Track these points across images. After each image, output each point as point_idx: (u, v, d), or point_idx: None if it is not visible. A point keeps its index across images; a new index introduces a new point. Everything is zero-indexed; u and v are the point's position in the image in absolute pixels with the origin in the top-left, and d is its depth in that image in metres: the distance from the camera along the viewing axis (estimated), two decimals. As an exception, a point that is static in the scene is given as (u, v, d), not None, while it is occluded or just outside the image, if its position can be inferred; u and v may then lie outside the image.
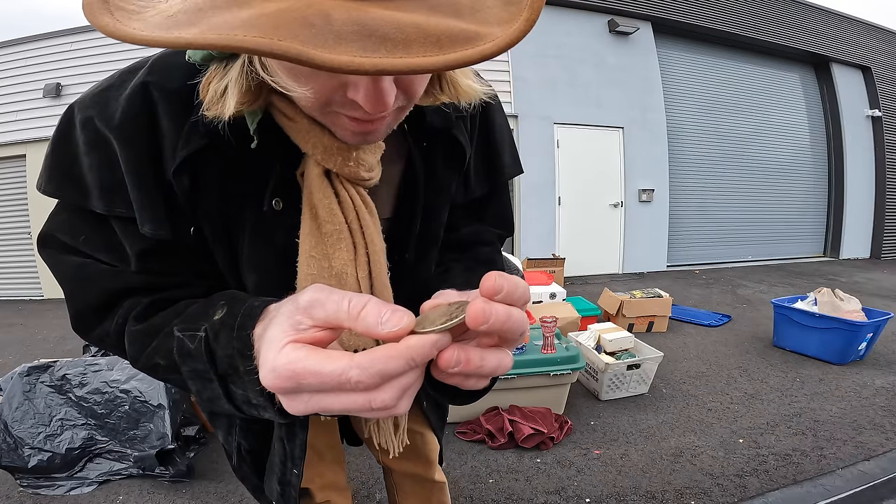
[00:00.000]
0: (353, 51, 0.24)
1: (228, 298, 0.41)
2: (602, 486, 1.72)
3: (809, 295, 3.09)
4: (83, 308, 0.48)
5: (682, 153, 6.50)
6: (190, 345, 0.39)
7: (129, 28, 0.27)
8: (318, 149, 0.46)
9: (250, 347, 0.35)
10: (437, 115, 0.54)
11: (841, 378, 2.62)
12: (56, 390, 1.82)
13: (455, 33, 0.25)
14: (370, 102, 0.35)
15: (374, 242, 0.51)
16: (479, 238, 0.68)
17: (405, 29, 0.25)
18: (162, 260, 0.48)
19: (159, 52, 0.46)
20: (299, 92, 0.37)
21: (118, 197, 0.45)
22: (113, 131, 0.43)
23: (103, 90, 0.45)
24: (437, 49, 0.25)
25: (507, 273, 0.33)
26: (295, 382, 0.29)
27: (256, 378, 0.34)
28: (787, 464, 1.82)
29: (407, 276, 0.58)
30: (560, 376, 2.10)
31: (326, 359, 0.28)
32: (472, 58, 0.25)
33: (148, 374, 0.47)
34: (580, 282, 5.62)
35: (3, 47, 5.53)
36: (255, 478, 0.73)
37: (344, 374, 0.28)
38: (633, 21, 5.96)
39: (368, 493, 1.70)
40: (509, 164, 0.67)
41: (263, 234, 0.50)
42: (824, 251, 7.79)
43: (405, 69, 0.24)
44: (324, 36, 0.24)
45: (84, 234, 0.48)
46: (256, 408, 0.38)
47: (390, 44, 0.24)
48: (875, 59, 7.56)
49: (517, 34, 0.26)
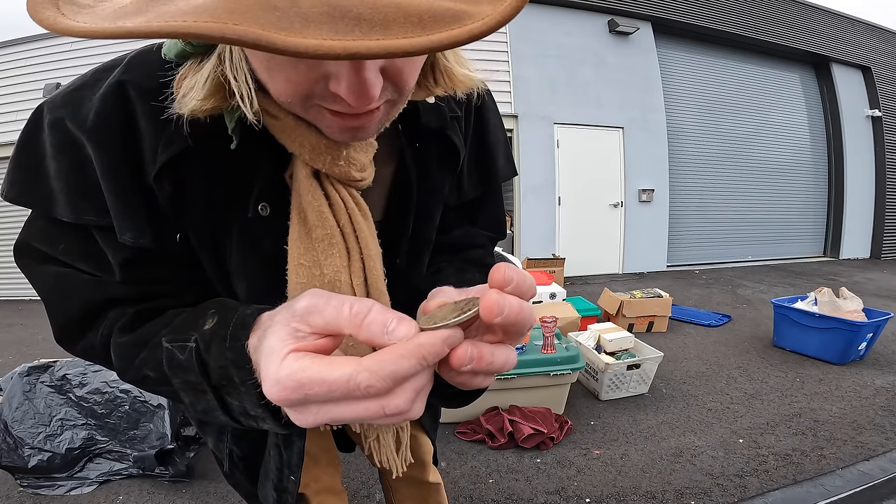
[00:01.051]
0: (323, 33, 0.21)
1: (218, 307, 0.40)
2: (602, 486, 1.72)
3: (809, 295, 3.09)
4: (65, 321, 0.46)
5: (682, 153, 6.50)
6: (180, 356, 0.37)
7: (72, 21, 0.24)
8: (305, 148, 0.43)
9: (246, 359, 0.34)
10: (431, 115, 0.52)
11: (841, 378, 2.62)
12: (56, 390, 1.82)
13: (439, 12, 0.23)
14: (353, 95, 0.32)
15: (368, 247, 0.49)
16: (471, 241, 0.67)
17: (383, 9, 0.22)
18: (147, 269, 0.45)
19: (136, 50, 0.44)
20: (273, 87, 0.35)
21: (87, 204, 0.41)
22: (86, 133, 0.40)
23: (75, 90, 0.42)
24: (419, 29, 0.22)
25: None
26: (301, 393, 0.27)
27: (254, 389, 0.33)
28: (787, 464, 1.82)
29: (399, 282, 0.55)
30: (560, 376, 2.10)
31: (331, 365, 0.27)
32: (460, 38, 0.22)
33: (137, 386, 0.45)
34: (580, 282, 5.62)
35: (3, 47, 5.53)
36: (247, 484, 0.72)
37: (352, 380, 0.26)
38: (633, 21, 5.96)
39: (368, 493, 1.70)
40: (503, 166, 0.65)
41: (251, 241, 0.47)
42: (824, 251, 7.79)
43: (382, 52, 0.22)
44: (289, 19, 0.21)
45: (63, 242, 0.44)
46: (255, 419, 0.36)
47: (366, 25, 0.22)
48: (875, 59, 7.56)
49: (509, 10, 0.23)
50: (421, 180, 0.55)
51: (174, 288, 0.47)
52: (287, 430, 0.36)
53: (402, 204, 0.55)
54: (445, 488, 1.05)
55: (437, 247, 0.63)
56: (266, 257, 0.48)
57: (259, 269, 0.48)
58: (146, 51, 0.44)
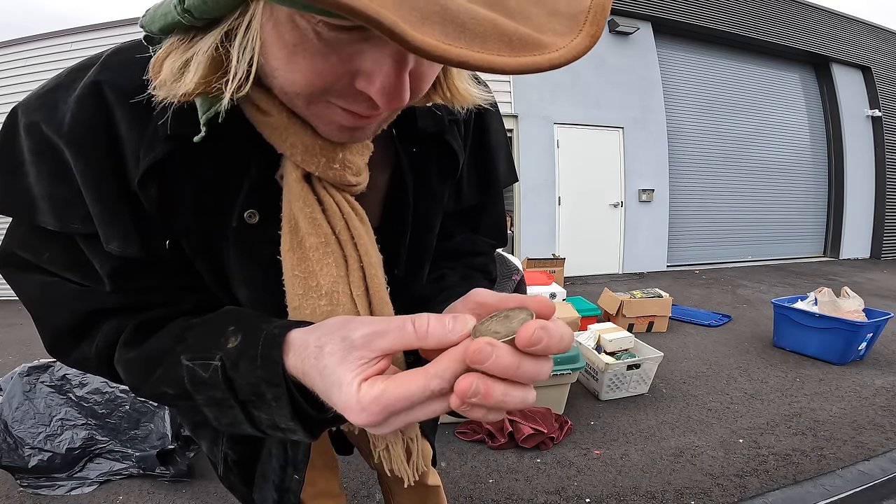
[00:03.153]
0: (436, 34, 0.21)
1: (237, 323, 0.39)
2: (602, 486, 1.72)
3: (809, 295, 3.09)
4: (55, 332, 0.44)
5: (682, 153, 6.50)
6: (203, 374, 0.37)
7: None
8: (297, 149, 0.40)
9: (280, 378, 0.35)
10: (428, 119, 0.50)
11: (841, 378, 2.62)
12: (56, 390, 1.82)
13: (524, 37, 0.24)
14: (386, 97, 0.31)
15: (369, 254, 0.46)
16: (473, 247, 0.65)
17: (483, 22, 0.22)
18: (137, 278, 0.43)
19: (113, 48, 0.42)
20: (287, 76, 0.33)
21: (71, 211, 0.39)
22: (63, 138, 0.37)
23: (50, 91, 0.40)
24: (509, 49, 0.23)
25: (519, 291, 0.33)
26: (387, 412, 0.30)
27: (288, 405, 0.35)
28: (787, 464, 1.82)
29: (398, 293, 0.52)
30: (560, 376, 2.10)
31: (406, 382, 0.30)
32: (542, 65, 0.24)
33: (153, 401, 0.43)
34: (580, 282, 5.61)
35: (3, 47, 5.53)
36: (243, 487, 0.71)
37: (427, 388, 0.29)
38: (633, 21, 5.95)
39: (369, 493, 1.70)
40: (504, 172, 0.63)
41: (249, 247, 0.45)
42: (824, 251, 7.78)
43: (483, 66, 0.22)
44: (409, 10, 0.21)
45: (48, 251, 0.42)
46: (284, 431, 0.37)
47: (469, 35, 0.22)
48: (875, 59, 7.56)
49: (582, 47, 0.25)
50: (418, 186, 0.53)
51: (167, 296, 0.45)
52: (314, 438, 0.38)
53: (399, 211, 0.53)
54: (445, 488, 1.05)
55: (439, 253, 0.61)
56: (265, 264, 0.45)
57: (260, 276, 0.46)
58: (122, 48, 0.41)
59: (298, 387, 0.35)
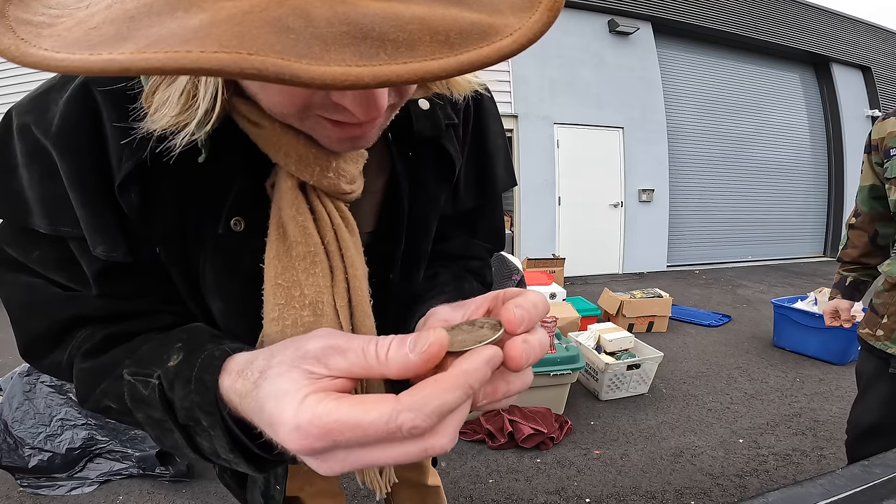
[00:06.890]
0: (346, 58, 0.19)
1: (185, 341, 0.37)
2: (602, 486, 1.72)
3: (809, 295, 3.09)
4: (31, 338, 0.43)
5: (682, 153, 6.50)
6: (143, 391, 0.35)
7: (41, 50, 0.20)
8: (291, 158, 0.39)
9: (213, 403, 0.32)
10: (425, 123, 0.49)
11: (841, 378, 2.62)
12: (56, 390, 1.82)
13: (465, 27, 0.21)
14: (361, 107, 0.30)
15: (354, 266, 0.45)
16: (469, 251, 0.64)
17: (406, 26, 0.20)
18: (124, 282, 0.42)
19: None
20: (266, 100, 0.33)
21: (62, 213, 0.39)
22: (51, 140, 0.37)
23: (43, 93, 0.39)
24: (447, 48, 0.20)
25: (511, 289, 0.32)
26: (329, 440, 0.24)
27: (225, 434, 0.32)
28: (787, 464, 1.82)
29: (391, 298, 0.51)
30: (560, 376, 2.10)
31: (364, 406, 0.24)
32: (490, 58, 0.21)
33: (100, 414, 0.42)
34: (580, 282, 5.62)
35: (3, 47, 5.54)
36: (237, 487, 0.71)
37: (392, 421, 0.24)
38: (633, 21, 5.95)
39: (368, 493, 1.70)
40: (502, 176, 0.61)
41: (227, 257, 0.44)
42: (824, 251, 7.78)
43: (413, 77, 0.20)
44: (306, 42, 0.18)
45: (38, 250, 0.41)
46: (228, 462, 0.34)
47: (391, 46, 0.19)
48: (875, 59, 7.56)
49: (539, 26, 0.21)
50: (414, 191, 0.52)
51: (152, 304, 0.44)
52: (264, 473, 0.34)
53: (395, 215, 0.52)
54: (445, 488, 1.05)
55: (434, 255, 0.60)
56: (243, 274, 0.44)
57: (236, 287, 0.45)
58: None
59: (236, 417, 0.32)
